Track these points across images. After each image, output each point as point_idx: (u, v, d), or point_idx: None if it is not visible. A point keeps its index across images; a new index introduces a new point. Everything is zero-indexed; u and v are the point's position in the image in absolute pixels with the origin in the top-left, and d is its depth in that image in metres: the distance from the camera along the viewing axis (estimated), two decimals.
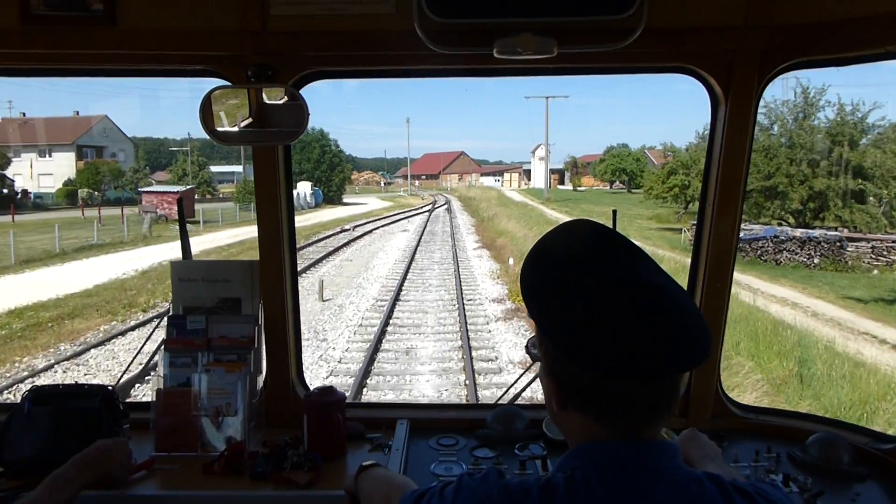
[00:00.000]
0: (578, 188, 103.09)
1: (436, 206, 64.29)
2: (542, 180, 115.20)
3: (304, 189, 61.51)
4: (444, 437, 2.54)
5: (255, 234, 2.57)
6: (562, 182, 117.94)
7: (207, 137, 2.26)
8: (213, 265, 2.64)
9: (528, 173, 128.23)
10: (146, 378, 9.22)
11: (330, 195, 70.05)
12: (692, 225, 34.70)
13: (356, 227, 37.44)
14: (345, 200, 73.03)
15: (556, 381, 1.21)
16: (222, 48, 2.28)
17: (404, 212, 54.31)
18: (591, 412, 1.19)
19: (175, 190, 46.55)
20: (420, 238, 32.06)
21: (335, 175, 73.21)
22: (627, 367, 1.11)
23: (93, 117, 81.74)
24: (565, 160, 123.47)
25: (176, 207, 42.03)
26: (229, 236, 31.58)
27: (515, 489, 1.18)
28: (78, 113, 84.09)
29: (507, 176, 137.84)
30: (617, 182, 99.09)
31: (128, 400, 2.29)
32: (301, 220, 38.11)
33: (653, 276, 1.17)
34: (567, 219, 1.43)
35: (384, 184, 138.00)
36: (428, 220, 44.44)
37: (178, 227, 2.90)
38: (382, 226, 40.33)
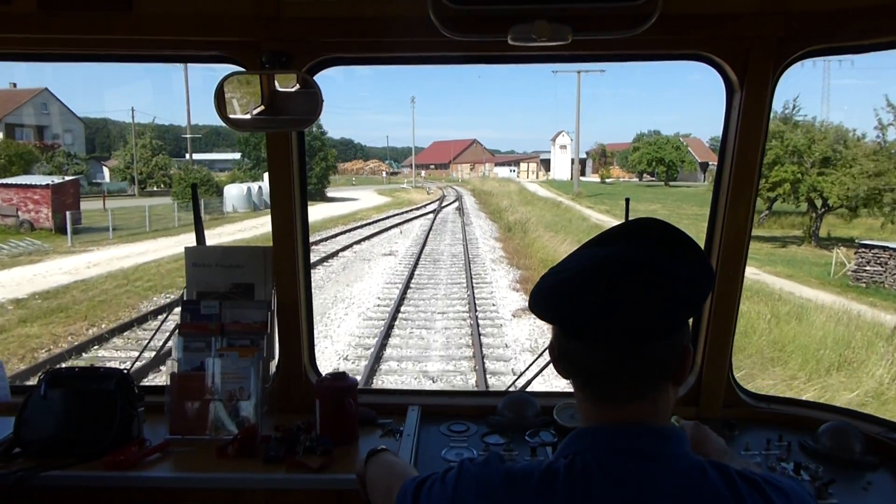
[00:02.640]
0: (606, 180, 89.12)
1: (443, 203, 51.60)
2: (563, 171, 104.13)
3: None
4: (455, 423, 2.55)
5: (161, 255, 2.50)
6: (582, 173, 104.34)
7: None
8: (227, 251, 2.66)
9: (546, 163, 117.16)
10: (160, 362, 9.32)
11: (308, 189, 58.63)
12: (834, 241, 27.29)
13: (314, 244, 23.92)
14: (329, 195, 57.70)
15: (552, 351, 1.31)
16: (237, 34, 2.28)
17: (402, 212, 42.37)
18: (572, 374, 1.27)
19: (43, 183, 30.96)
20: (410, 276, 17.70)
21: (315, 164, 55.90)
22: (585, 326, 1.19)
23: (28, 90, 66.25)
24: (591, 148, 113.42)
25: (44, 210, 29.03)
26: (67, 270, 19.22)
27: (517, 474, 1.20)
28: (15, 85, 68.29)
29: (523, 166, 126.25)
30: (646, 173, 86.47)
31: (142, 383, 2.33)
32: (239, 230, 28.66)
33: (645, 257, 1.20)
34: (613, 221, 1.42)
35: (386, 174, 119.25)
36: (431, 229, 30.99)
37: (24, 244, 2.86)
38: (359, 241, 25.94)
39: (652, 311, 1.16)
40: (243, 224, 32.86)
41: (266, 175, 46.70)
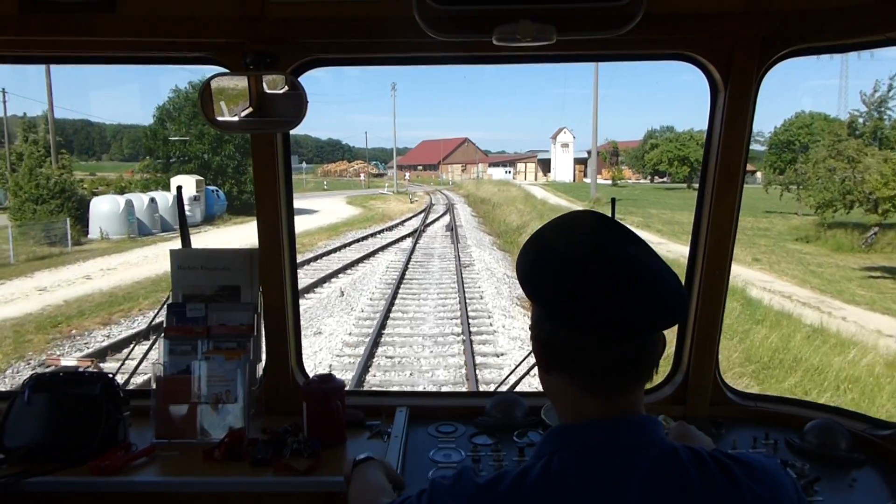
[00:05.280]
0: (618, 182, 76.22)
1: (429, 216, 39.16)
2: (566, 172, 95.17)
3: (182, 187, 22.98)
4: (444, 424, 2.55)
5: None
6: (584, 174, 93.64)
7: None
8: (213, 253, 2.64)
9: (545, 163, 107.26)
10: (146, 365, 9.16)
11: (243, 199, 40.70)
12: None
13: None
14: None
15: (541, 345, 1.28)
16: (221, 35, 2.27)
17: (369, 233, 29.36)
18: (571, 371, 1.25)
19: None
20: None
21: (252, 164, 25.49)
22: (604, 321, 1.19)
23: None
24: (601, 145, 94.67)
25: None
26: None
27: (490, 481, 1.20)
28: None
29: (520, 167, 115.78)
30: (657, 175, 78.11)
31: (128, 387, 2.31)
32: (37, 291, 16.80)
33: (641, 256, 1.24)
34: (668, 242, 1.39)
35: (365, 176, 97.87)
36: (402, 278, 17.66)
37: None
38: None
39: (666, 306, 1.21)
40: (79, 268, 20.81)
41: (173, 181, 34.33)
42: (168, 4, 2.25)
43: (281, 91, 2.37)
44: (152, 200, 30.99)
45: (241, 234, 25.94)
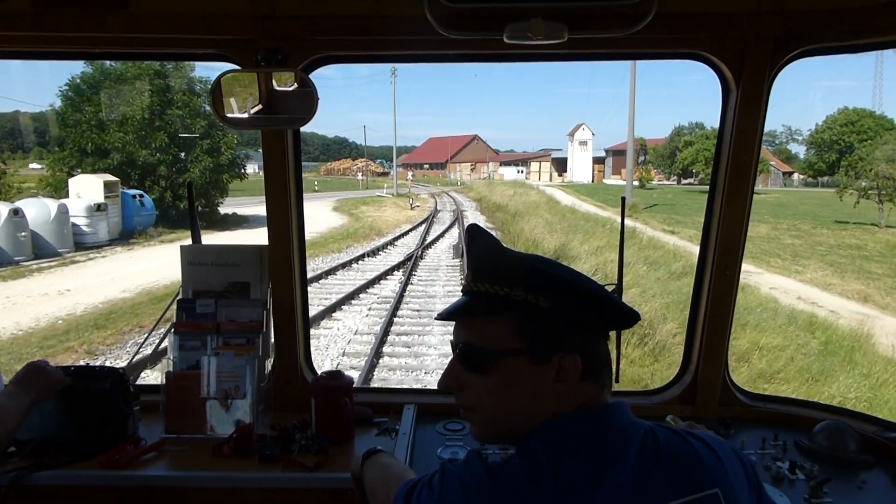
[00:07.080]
0: (646, 184, 66.02)
1: (432, 229, 29.36)
2: (584, 172, 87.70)
3: (78, 194, 24.98)
4: (451, 422, 2.56)
5: None
6: (603, 174, 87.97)
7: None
8: (223, 249, 2.65)
9: (561, 163, 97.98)
10: (157, 361, 9.22)
11: (181, 207, 29.12)
12: None
13: None
14: (241, 214, 32.05)
15: (585, 358, 1.30)
16: (233, 32, 2.28)
17: (338, 265, 18.47)
18: (598, 375, 1.33)
19: None
20: None
21: (196, 161, 30.44)
22: (617, 323, 1.42)
23: None
24: (611, 145, 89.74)
25: None
26: None
27: (499, 469, 1.22)
28: None
29: (534, 166, 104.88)
30: (680, 176, 71.57)
31: (138, 382, 2.32)
32: None
33: None
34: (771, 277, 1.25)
35: (363, 175, 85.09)
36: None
37: None
38: None
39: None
40: None
41: (71, 182, 26.62)
42: (180, 2, 2.26)
43: (290, 88, 2.38)
44: (15, 213, 20.65)
45: (163, 262, 16.70)
